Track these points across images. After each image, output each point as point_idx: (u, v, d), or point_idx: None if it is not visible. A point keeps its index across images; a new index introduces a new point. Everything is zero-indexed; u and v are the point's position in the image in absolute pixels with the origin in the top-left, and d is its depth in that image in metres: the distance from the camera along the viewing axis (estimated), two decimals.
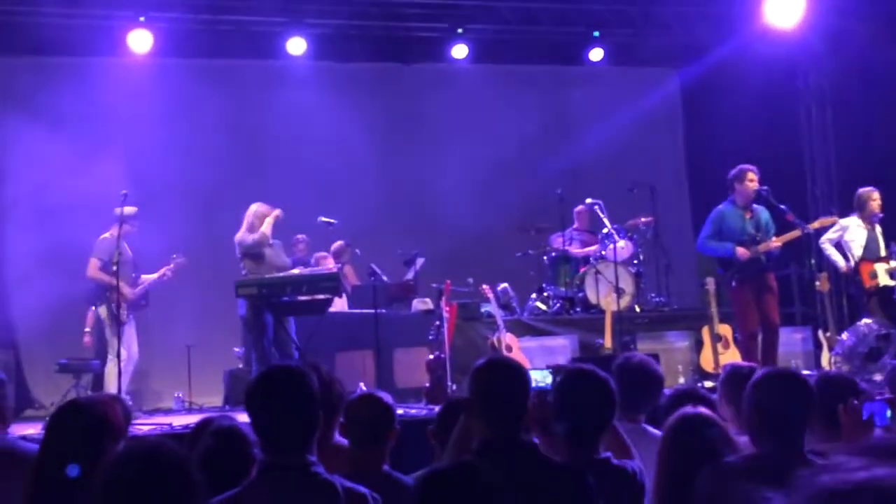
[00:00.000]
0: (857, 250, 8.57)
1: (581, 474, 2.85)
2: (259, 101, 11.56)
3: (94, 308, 8.58)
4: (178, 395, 9.63)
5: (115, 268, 7.94)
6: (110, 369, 8.13)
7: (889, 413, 3.33)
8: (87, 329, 8.81)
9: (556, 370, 6.42)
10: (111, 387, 7.97)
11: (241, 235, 8.13)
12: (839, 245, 8.67)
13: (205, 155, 11.09)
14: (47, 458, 2.85)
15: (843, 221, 8.72)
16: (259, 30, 11.27)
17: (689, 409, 3.05)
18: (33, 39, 10.14)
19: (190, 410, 9.05)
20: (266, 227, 8.10)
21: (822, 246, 8.75)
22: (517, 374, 3.03)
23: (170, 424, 6.97)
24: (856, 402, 3.22)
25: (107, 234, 8.39)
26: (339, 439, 3.53)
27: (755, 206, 8.21)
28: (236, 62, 11.57)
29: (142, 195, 8.82)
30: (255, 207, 8.23)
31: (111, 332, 8.21)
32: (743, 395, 3.08)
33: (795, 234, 8.15)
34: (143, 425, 6.87)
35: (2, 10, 10.09)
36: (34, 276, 9.21)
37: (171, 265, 8.66)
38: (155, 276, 8.65)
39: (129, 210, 8.33)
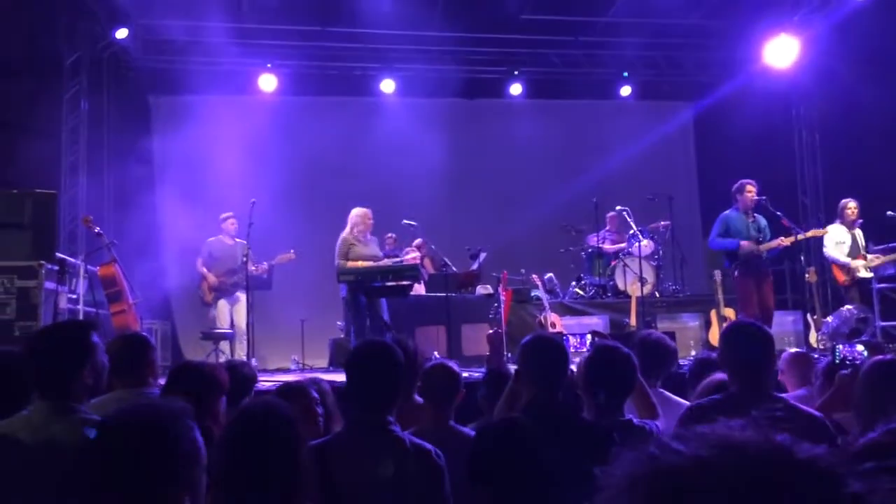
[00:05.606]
0: (843, 251, 8.25)
1: (608, 431, 2.74)
2: (358, 128, 11.57)
3: None
4: (293, 358, 9.74)
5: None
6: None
7: None
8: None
9: (594, 334, 6.31)
10: (235, 352, 8.13)
11: (338, 249, 7.73)
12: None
13: (316, 170, 11.17)
14: None
15: (830, 228, 8.37)
16: (358, 73, 11.44)
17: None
18: (187, 81, 10.36)
19: (303, 370, 9.08)
20: (341, 257, 7.69)
21: (829, 255, 8.34)
22: (556, 347, 2.95)
23: (285, 382, 6.99)
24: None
25: (211, 238, 8.80)
26: (418, 398, 3.50)
27: (755, 213, 7.95)
28: (340, 99, 11.65)
29: (268, 201, 8.86)
30: (355, 211, 8.15)
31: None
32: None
33: (793, 238, 7.81)
34: (266, 381, 6.91)
35: (164, 59, 10.48)
36: (185, 266, 9.34)
37: (278, 258, 8.76)
38: (274, 261, 8.78)
39: (223, 216, 8.81)
